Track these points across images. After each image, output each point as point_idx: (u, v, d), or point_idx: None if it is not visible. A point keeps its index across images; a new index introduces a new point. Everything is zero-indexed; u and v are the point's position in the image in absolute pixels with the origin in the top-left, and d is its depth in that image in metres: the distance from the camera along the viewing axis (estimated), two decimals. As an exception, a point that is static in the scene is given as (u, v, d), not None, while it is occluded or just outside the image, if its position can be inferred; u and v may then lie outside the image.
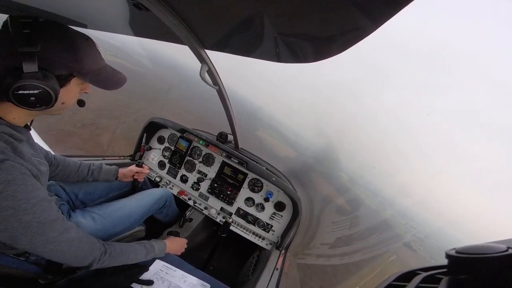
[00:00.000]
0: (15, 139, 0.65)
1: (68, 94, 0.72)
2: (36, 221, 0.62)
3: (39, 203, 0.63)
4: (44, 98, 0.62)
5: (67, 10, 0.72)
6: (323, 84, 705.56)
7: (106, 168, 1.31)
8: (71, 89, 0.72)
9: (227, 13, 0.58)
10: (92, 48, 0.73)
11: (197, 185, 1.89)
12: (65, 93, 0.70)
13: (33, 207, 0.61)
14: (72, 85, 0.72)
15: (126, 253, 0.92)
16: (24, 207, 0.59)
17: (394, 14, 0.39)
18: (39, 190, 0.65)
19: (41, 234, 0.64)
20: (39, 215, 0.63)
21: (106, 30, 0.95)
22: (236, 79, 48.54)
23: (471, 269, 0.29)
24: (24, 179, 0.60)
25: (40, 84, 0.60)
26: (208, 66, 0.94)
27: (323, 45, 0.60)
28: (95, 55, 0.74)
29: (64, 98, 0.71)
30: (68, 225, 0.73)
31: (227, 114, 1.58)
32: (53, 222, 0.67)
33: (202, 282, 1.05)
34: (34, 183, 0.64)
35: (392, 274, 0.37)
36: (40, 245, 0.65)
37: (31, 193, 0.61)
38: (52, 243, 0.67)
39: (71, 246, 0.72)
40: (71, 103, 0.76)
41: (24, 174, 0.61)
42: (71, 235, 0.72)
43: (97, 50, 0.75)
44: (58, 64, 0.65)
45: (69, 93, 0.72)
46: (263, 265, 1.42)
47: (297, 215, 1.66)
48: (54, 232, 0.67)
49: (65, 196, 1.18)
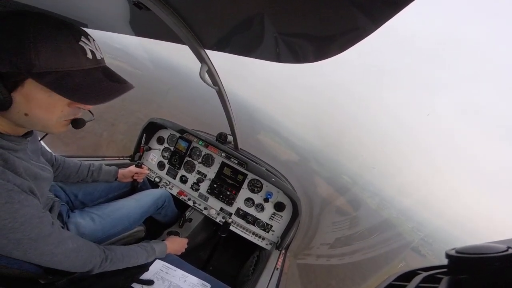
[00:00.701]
0: (7, 149, 0.59)
1: (29, 103, 0.54)
2: (27, 238, 0.58)
3: (27, 221, 0.57)
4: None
5: (67, 10, 0.72)
6: (322, 84, 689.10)
7: (106, 169, 1.31)
8: (32, 96, 0.53)
9: (227, 13, 0.58)
10: (65, 37, 0.53)
11: (196, 185, 1.89)
12: (23, 101, 0.53)
13: (21, 225, 0.56)
14: (31, 90, 0.52)
15: (127, 258, 0.91)
16: (10, 226, 0.54)
17: (395, 14, 0.39)
18: (29, 207, 0.58)
19: (35, 249, 0.61)
20: (29, 232, 0.58)
21: (107, 29, 0.95)
22: (234, 80, 47.30)
23: (471, 269, 0.29)
24: (10, 196, 0.54)
25: None
26: (208, 66, 0.94)
27: (323, 45, 0.60)
28: (67, 49, 0.53)
29: (25, 107, 0.54)
30: (64, 236, 0.70)
31: (226, 114, 1.58)
32: (47, 237, 0.63)
33: (202, 282, 1.05)
34: (23, 199, 0.57)
35: (392, 274, 0.37)
36: (35, 258, 0.62)
37: (17, 211, 0.55)
38: (48, 255, 0.64)
39: (69, 257, 0.70)
40: (46, 116, 0.57)
41: (10, 191, 0.54)
42: (68, 246, 0.69)
43: (75, 43, 0.55)
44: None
45: (29, 101, 0.53)
46: (263, 265, 1.42)
47: (297, 215, 1.66)
48: (48, 246, 0.64)
49: (64, 196, 1.17)
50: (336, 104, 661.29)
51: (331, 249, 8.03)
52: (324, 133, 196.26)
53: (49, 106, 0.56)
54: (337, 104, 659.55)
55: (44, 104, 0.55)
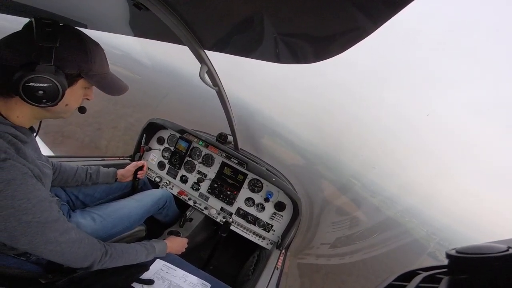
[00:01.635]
0: (19, 140, 0.66)
1: (72, 96, 0.73)
2: (36, 221, 0.62)
3: (39, 203, 0.63)
4: (51, 93, 0.65)
5: (67, 10, 0.72)
6: (323, 85, 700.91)
7: (104, 171, 1.30)
8: (76, 91, 0.74)
9: (227, 13, 0.58)
10: (101, 52, 0.76)
11: (197, 185, 1.89)
12: (70, 94, 0.71)
13: (33, 207, 0.61)
14: (78, 86, 0.74)
15: (127, 254, 0.92)
16: (24, 207, 0.60)
17: (395, 14, 0.39)
18: (40, 191, 0.65)
19: (41, 234, 0.64)
20: (39, 215, 0.63)
21: (106, 30, 0.95)
22: (234, 81, 47.60)
23: (471, 269, 0.29)
24: (25, 179, 0.61)
25: (51, 77, 0.63)
26: (207, 66, 0.94)
27: (323, 45, 0.60)
28: (103, 59, 0.77)
29: (69, 99, 0.72)
30: (69, 226, 0.73)
31: (226, 115, 1.58)
32: (54, 223, 0.67)
33: (202, 282, 1.05)
34: (35, 183, 0.64)
35: (393, 274, 0.37)
36: (40, 246, 0.65)
37: (31, 193, 0.62)
38: (52, 243, 0.67)
39: (72, 247, 0.72)
40: (74, 106, 0.77)
41: (25, 174, 0.61)
42: (71, 236, 0.72)
43: (104, 56, 0.78)
44: (70, 62, 0.68)
45: (74, 94, 0.73)
46: (264, 264, 1.42)
47: (297, 215, 1.66)
48: (54, 232, 0.67)
49: (65, 196, 1.18)
50: (336, 104, 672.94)
51: (331, 248, 8.01)
52: (327, 133, 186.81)
53: (80, 97, 0.77)
54: (338, 104, 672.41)
55: (78, 96, 0.76)
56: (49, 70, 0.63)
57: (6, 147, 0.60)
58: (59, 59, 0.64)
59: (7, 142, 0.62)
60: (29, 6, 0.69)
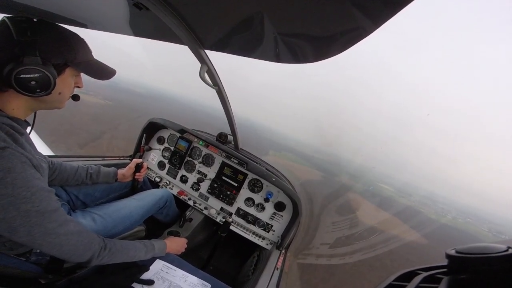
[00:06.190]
0: (16, 131, 0.67)
1: (63, 84, 0.75)
2: (34, 210, 0.62)
3: (38, 192, 0.64)
4: (43, 82, 0.67)
5: (67, 10, 0.72)
6: (322, 88, 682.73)
7: (105, 171, 1.30)
8: (67, 79, 0.76)
9: (227, 13, 0.58)
10: (81, 41, 0.78)
11: (197, 185, 1.89)
12: (61, 83, 0.74)
13: (32, 195, 0.62)
14: (67, 75, 0.76)
15: (126, 250, 0.92)
16: (23, 195, 0.60)
17: (394, 14, 0.39)
18: (39, 180, 0.66)
19: (40, 225, 0.64)
20: (38, 204, 0.63)
21: (106, 30, 0.95)
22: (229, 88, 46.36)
23: (471, 269, 0.29)
24: (24, 167, 0.62)
25: (40, 68, 0.65)
26: (207, 66, 0.94)
27: (323, 45, 0.60)
28: (85, 48, 0.79)
29: (61, 88, 0.75)
30: (67, 218, 0.73)
31: (226, 114, 1.58)
32: (52, 213, 0.67)
33: (202, 282, 1.05)
34: (34, 172, 0.65)
35: (393, 274, 0.37)
36: (39, 237, 0.65)
37: (30, 181, 0.62)
38: (51, 235, 0.67)
39: (70, 240, 0.72)
40: (67, 94, 0.79)
41: (24, 163, 0.62)
42: (70, 228, 0.72)
43: (86, 45, 0.79)
44: (55, 53, 0.69)
45: (65, 83, 0.76)
46: (264, 264, 1.42)
47: (297, 215, 1.66)
48: (53, 223, 0.67)
49: (65, 196, 1.17)
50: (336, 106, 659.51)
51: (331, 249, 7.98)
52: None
53: (71, 84, 0.79)
54: (338, 106, 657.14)
55: (69, 83, 0.78)
56: (36, 61, 0.64)
57: (5, 136, 0.62)
58: (43, 51, 0.66)
59: (4, 132, 0.63)
60: (30, 6, 0.69)
